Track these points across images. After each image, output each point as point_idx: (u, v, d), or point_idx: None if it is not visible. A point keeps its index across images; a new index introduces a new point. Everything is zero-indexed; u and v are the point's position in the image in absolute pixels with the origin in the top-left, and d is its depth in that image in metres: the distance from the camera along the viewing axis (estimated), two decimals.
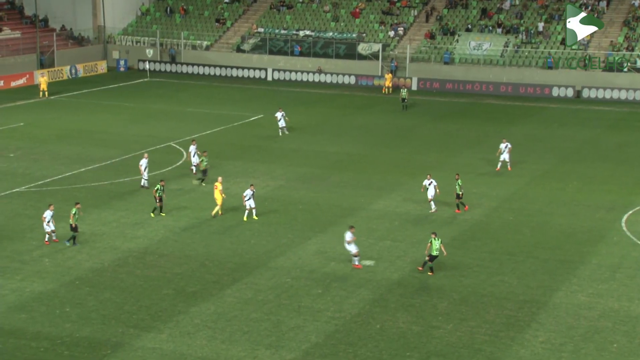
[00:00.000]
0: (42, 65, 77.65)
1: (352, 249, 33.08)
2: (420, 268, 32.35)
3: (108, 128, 57.52)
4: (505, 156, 47.36)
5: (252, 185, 39.28)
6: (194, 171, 45.40)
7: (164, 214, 38.58)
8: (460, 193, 39.78)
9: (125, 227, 37.31)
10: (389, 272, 32.52)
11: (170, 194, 41.84)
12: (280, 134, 55.79)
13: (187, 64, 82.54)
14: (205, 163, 43.90)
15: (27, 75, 73.26)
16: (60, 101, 67.14)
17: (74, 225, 34.59)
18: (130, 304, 29.38)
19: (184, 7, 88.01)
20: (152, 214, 38.51)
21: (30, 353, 25.74)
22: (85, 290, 30.54)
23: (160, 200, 38.54)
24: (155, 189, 38.60)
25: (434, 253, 32.04)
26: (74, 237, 34.70)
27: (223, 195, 38.79)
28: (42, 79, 68.46)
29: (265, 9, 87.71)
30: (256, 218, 38.53)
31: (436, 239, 32.08)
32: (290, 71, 79.53)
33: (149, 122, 59.79)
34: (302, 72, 79.23)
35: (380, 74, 77.35)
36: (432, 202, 39.75)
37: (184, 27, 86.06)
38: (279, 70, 79.79)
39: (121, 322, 28.01)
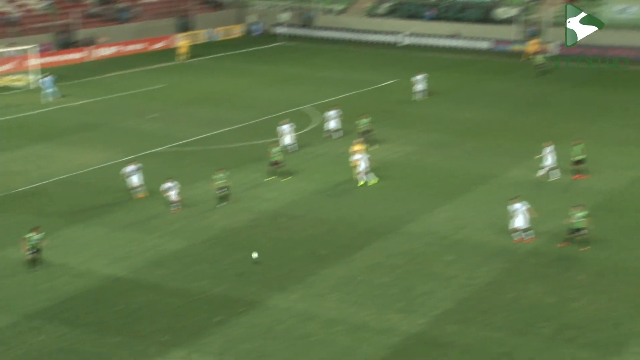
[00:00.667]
0: (181, 29, 79.61)
1: (519, 222, 31.80)
2: (564, 244, 31.25)
3: (243, 91, 58.48)
4: None
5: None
6: (331, 135, 45.50)
7: (286, 179, 38.68)
8: (580, 159, 38.17)
9: (259, 188, 37.92)
10: (525, 242, 31.75)
11: (302, 157, 42.22)
12: (419, 97, 55.27)
13: (321, 28, 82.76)
14: (364, 125, 44.00)
15: (168, 39, 75.28)
16: (199, 64, 68.72)
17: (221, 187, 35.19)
18: (263, 264, 29.89)
19: None
20: (271, 178, 38.65)
21: (169, 308, 26.62)
22: (220, 249, 31.28)
23: (276, 164, 38.65)
24: (274, 151, 38.67)
25: (578, 226, 30.87)
26: (224, 197, 35.35)
27: (358, 160, 38.75)
28: (183, 42, 70.22)
29: None
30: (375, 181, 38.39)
31: (580, 211, 30.82)
32: (424, 36, 78.46)
33: (283, 86, 60.40)
34: (436, 36, 78.03)
35: (518, 39, 75.21)
36: (553, 170, 38.40)
37: None
38: (412, 35, 78.87)
39: (254, 281, 28.55)
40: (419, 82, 55.50)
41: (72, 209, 34.82)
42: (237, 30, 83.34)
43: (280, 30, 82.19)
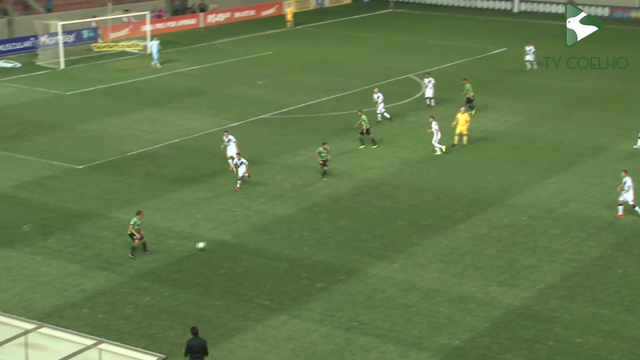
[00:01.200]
0: None
1: (628, 197, 30.69)
2: None
3: (350, 59, 58.32)
4: None
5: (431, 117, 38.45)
6: (429, 104, 45.06)
7: (375, 146, 38.46)
8: None
9: (362, 156, 37.86)
10: (635, 217, 30.72)
11: (408, 126, 41.96)
12: (530, 67, 53.98)
13: None
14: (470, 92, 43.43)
15: (277, 5, 75.65)
16: (306, 31, 68.86)
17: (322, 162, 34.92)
18: (365, 233, 29.94)
19: None
20: (361, 147, 38.48)
21: (272, 272, 27.01)
22: (323, 216, 31.46)
23: (367, 132, 38.25)
24: (363, 118, 38.35)
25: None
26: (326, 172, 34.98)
27: (461, 125, 38.25)
28: (289, 9, 70.48)
29: None
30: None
31: None
32: (538, 2, 76.30)
33: (390, 54, 59.91)
34: (550, 3, 75.77)
35: (638, 6, 72.26)
36: None
37: None
38: (525, 2, 76.82)
39: (355, 249, 28.64)
40: (530, 52, 54.12)
41: (181, 173, 35.62)
42: None
43: None
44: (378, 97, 42.37)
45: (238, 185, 33.59)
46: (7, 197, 32.57)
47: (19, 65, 53.93)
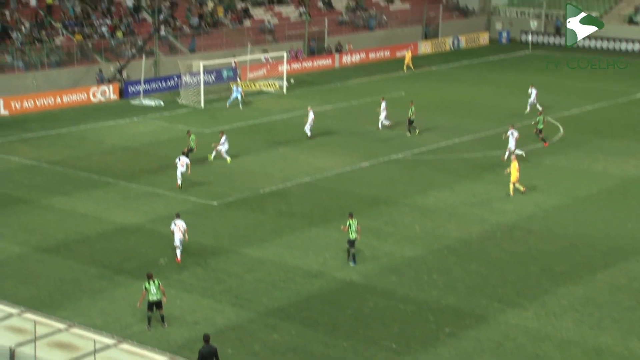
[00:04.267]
0: (426, 36, 79.87)
1: None
2: None
3: (485, 100, 57.61)
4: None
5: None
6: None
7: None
8: None
9: (495, 200, 37.14)
10: None
11: (543, 169, 40.97)
12: None
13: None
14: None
15: (412, 46, 75.79)
16: (441, 72, 68.59)
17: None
18: (496, 278, 29.23)
19: None
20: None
21: (399, 314, 26.70)
22: (452, 259, 30.95)
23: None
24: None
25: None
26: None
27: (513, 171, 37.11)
28: (407, 54, 69.74)
29: None
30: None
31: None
32: None
33: (527, 96, 58.70)
34: None
35: None
36: None
37: None
38: None
39: (486, 294, 27.97)
40: None
41: (311, 211, 35.90)
42: (483, 38, 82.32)
43: (528, 38, 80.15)
44: (383, 107, 47.74)
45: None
46: (145, 230, 33.69)
47: (162, 103, 56.07)
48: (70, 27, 60.67)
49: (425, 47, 77.26)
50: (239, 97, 54.78)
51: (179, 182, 38.18)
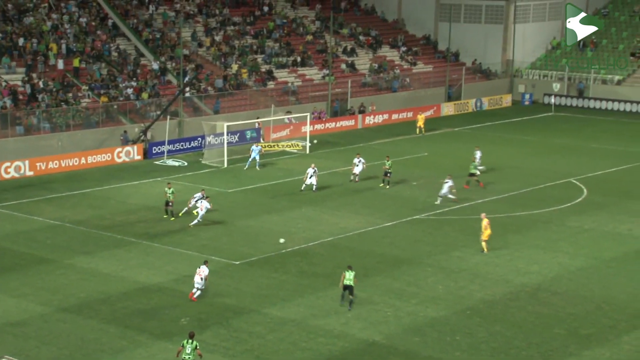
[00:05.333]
0: (449, 98, 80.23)
1: None
2: None
3: (508, 161, 57.52)
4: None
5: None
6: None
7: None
8: None
9: (519, 260, 36.82)
10: None
11: (568, 231, 40.61)
12: None
13: (596, 99, 79.87)
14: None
15: (434, 108, 76.08)
16: (463, 133, 68.70)
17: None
18: (520, 340, 28.82)
19: (595, 40, 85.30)
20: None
21: None
22: (476, 320, 30.59)
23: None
24: None
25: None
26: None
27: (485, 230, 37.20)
28: (420, 116, 69.23)
29: None
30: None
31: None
32: None
33: (550, 157, 58.72)
34: None
35: None
36: None
37: (594, 60, 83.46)
38: None
39: (510, 356, 27.57)
40: None
41: (333, 271, 35.69)
42: (506, 100, 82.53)
43: (551, 100, 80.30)
44: (359, 162, 49.97)
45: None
46: (168, 290, 33.64)
47: (185, 163, 56.50)
48: (96, 89, 61.63)
49: (448, 109, 77.52)
50: (257, 157, 54.84)
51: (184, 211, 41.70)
